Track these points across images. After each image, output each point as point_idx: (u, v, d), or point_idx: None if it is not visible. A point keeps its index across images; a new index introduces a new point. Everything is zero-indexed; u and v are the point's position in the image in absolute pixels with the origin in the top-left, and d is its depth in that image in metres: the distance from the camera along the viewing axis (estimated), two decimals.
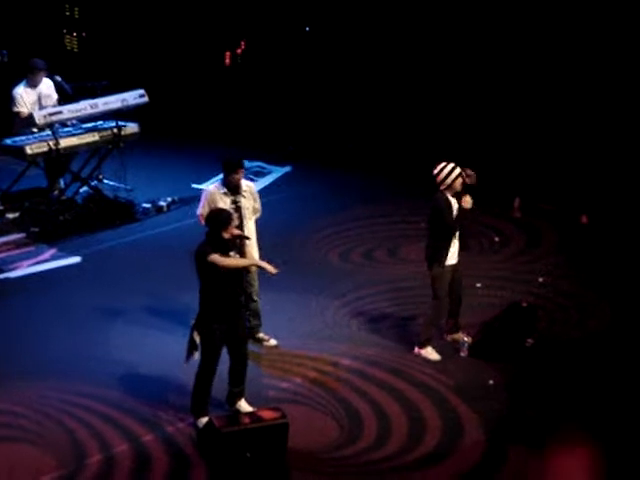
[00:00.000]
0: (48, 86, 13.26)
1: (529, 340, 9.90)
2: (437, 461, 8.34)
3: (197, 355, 8.50)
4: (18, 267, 11.86)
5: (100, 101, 13.10)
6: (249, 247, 9.45)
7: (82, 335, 10.23)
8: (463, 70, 15.85)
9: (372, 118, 16.41)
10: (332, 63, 17.22)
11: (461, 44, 15.87)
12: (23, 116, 12.93)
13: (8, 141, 12.86)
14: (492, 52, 15.55)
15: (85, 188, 13.63)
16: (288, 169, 15.33)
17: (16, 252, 12.25)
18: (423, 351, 9.90)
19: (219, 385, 8.70)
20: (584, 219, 13.25)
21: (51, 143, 12.70)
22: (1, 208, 12.95)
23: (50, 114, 12.69)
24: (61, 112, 12.81)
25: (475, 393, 9.25)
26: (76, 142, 13.05)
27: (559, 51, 14.89)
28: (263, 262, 8.71)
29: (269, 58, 17.98)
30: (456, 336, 10.04)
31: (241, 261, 8.68)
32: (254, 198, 9.76)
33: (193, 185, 14.44)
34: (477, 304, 10.73)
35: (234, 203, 9.56)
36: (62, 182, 13.51)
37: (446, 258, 9.63)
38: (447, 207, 9.56)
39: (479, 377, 9.52)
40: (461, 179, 9.57)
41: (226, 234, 8.36)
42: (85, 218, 13.07)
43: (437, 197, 9.60)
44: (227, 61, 18.49)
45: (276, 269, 8.56)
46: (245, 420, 8.34)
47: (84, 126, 13.28)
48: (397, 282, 11.48)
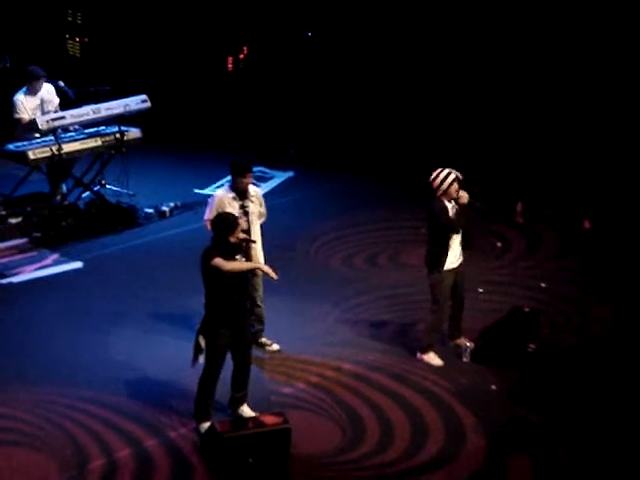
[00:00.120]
0: (49, 91, 13.28)
1: (531, 345, 9.90)
2: (439, 466, 8.33)
3: (202, 359, 8.50)
4: (21, 272, 11.86)
5: (103, 106, 13.12)
6: (255, 251, 9.46)
7: (84, 340, 10.24)
8: (466, 75, 15.85)
9: (373, 123, 16.41)
10: (334, 68, 17.22)
11: (464, 49, 15.87)
12: (24, 122, 12.95)
13: (11, 146, 12.88)
14: (496, 58, 15.55)
15: (87, 193, 13.64)
16: (291, 174, 15.34)
17: (19, 257, 12.26)
18: (425, 356, 9.90)
19: (222, 390, 8.70)
20: (587, 224, 13.25)
21: (54, 148, 12.71)
22: (4, 213, 12.95)
23: (53, 119, 12.72)
24: (64, 117, 12.84)
25: (477, 398, 9.25)
26: (78, 147, 13.06)
27: (563, 56, 14.89)
28: (266, 266, 8.72)
29: (271, 63, 17.99)
30: (458, 341, 10.04)
31: (244, 264, 8.66)
32: (260, 203, 9.79)
33: (196, 190, 14.45)
34: (479, 309, 10.71)
35: (242, 208, 9.57)
36: (64, 187, 13.53)
37: (444, 263, 9.64)
38: (443, 212, 9.56)
39: (481, 382, 9.52)
40: (457, 184, 9.59)
41: (232, 238, 8.37)
42: (87, 223, 13.07)
43: (432, 204, 9.61)
44: (229, 66, 18.50)
45: (275, 276, 8.57)
46: (247, 425, 8.34)
47: (86, 131, 13.30)
48: (399, 287, 11.47)
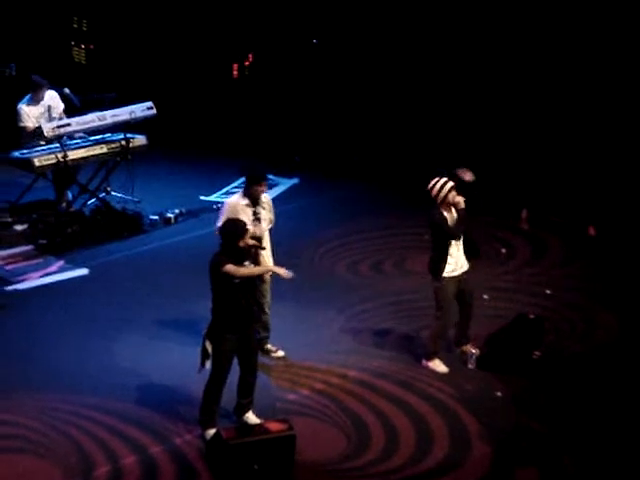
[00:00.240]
0: (53, 97, 13.30)
1: (536, 352, 9.88)
2: (444, 473, 8.33)
3: (209, 364, 8.50)
4: (26, 279, 11.87)
5: (108, 113, 13.15)
6: (265, 257, 9.50)
7: (90, 346, 10.24)
8: (472, 83, 15.84)
9: (378, 130, 16.41)
10: (339, 75, 17.23)
11: (470, 58, 15.86)
12: (29, 130, 12.99)
13: (16, 153, 12.90)
14: (502, 67, 15.53)
15: (93, 200, 13.66)
16: (295, 181, 15.34)
17: (24, 264, 12.26)
18: (430, 363, 9.89)
19: (227, 397, 8.70)
20: (592, 231, 13.24)
21: (59, 155, 12.73)
22: (9, 220, 12.97)
23: (58, 126, 12.75)
24: (69, 124, 12.87)
25: (483, 405, 9.24)
26: (84, 154, 13.08)
27: (570, 63, 14.86)
28: (276, 267, 8.81)
29: (276, 70, 18.01)
30: (465, 348, 10.03)
31: (255, 269, 8.69)
32: (270, 209, 9.86)
33: (201, 197, 14.46)
34: (484, 315, 10.71)
35: (255, 215, 9.64)
36: (70, 194, 13.54)
37: (444, 269, 9.64)
38: (442, 221, 9.59)
39: (487, 389, 9.51)
40: (454, 192, 9.61)
41: (241, 244, 8.40)
42: (93, 230, 13.07)
43: (432, 213, 9.66)
44: (235, 73, 18.51)
45: (289, 274, 8.62)
46: (253, 432, 8.34)
47: (92, 138, 13.31)
48: (404, 294, 11.47)
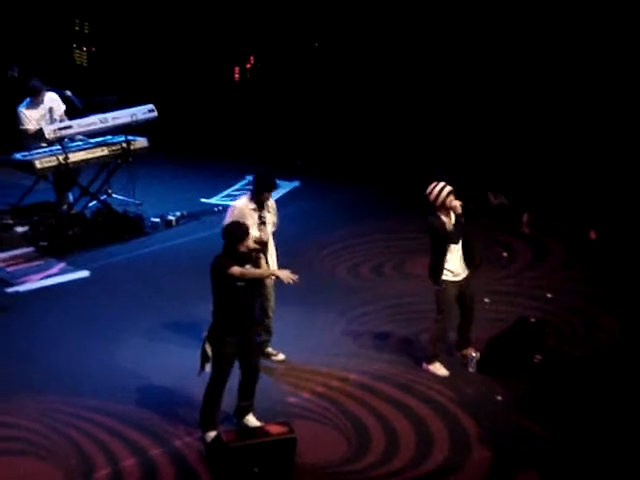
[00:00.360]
0: (53, 99, 13.30)
1: (537, 356, 9.87)
2: (445, 476, 8.32)
3: (209, 367, 8.50)
4: (27, 281, 11.88)
5: (109, 116, 13.17)
6: (269, 260, 9.55)
7: (90, 348, 10.25)
8: (472, 86, 15.85)
9: (380, 134, 16.42)
10: (340, 78, 17.24)
11: (471, 61, 15.87)
12: (30, 133, 13.00)
13: (18, 155, 12.91)
14: (504, 70, 15.53)
15: (94, 202, 13.67)
16: (297, 184, 15.35)
17: (25, 266, 12.27)
18: (431, 366, 9.89)
19: (227, 400, 8.70)
20: (593, 235, 13.24)
21: (60, 157, 12.74)
22: (11, 222, 12.98)
23: (59, 129, 12.75)
24: (71, 127, 12.88)
25: (483, 409, 9.24)
26: (85, 156, 13.08)
27: (571, 66, 14.87)
28: (280, 271, 8.80)
29: (278, 73, 18.02)
30: (465, 351, 10.03)
31: (259, 272, 8.71)
32: (274, 212, 9.92)
33: (202, 199, 14.47)
34: (485, 319, 10.70)
35: (260, 218, 9.69)
36: (71, 196, 13.55)
37: (442, 273, 9.65)
38: (440, 227, 9.60)
39: (487, 393, 9.51)
40: (452, 197, 9.62)
41: (242, 247, 8.40)
42: (94, 232, 13.08)
43: (430, 219, 9.67)
44: (236, 76, 18.53)
45: (291, 278, 8.59)
46: (253, 435, 8.34)
47: (93, 141, 13.33)
48: (404, 297, 11.47)
